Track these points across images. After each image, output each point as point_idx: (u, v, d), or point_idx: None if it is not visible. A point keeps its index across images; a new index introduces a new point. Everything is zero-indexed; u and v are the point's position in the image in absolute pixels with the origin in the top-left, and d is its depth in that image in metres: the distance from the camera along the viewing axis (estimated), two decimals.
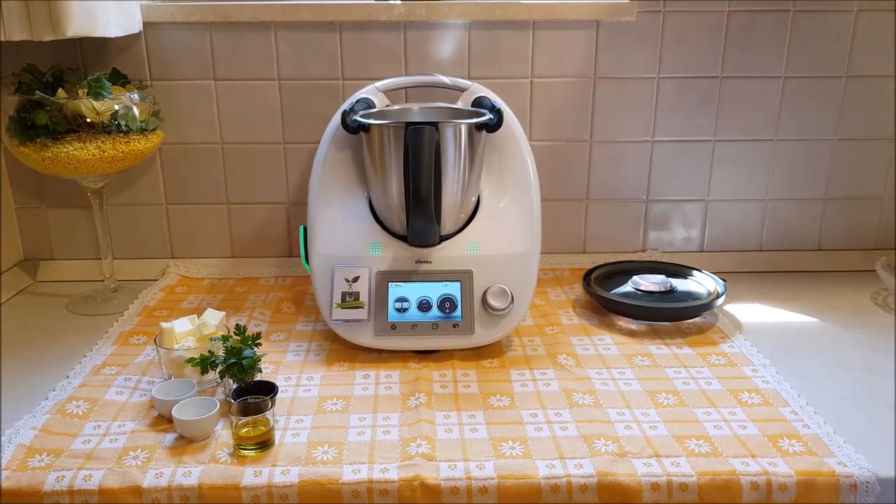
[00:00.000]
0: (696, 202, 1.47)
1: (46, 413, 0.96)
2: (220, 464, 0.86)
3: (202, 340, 1.05)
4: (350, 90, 1.34)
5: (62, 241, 1.46)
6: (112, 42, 1.33)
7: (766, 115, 1.41)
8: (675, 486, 0.83)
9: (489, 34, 1.35)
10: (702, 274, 1.31)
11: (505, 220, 1.15)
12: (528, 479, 0.83)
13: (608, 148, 1.43)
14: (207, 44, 1.35)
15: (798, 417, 0.95)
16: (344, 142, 1.17)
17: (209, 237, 1.46)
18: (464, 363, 1.10)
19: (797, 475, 0.84)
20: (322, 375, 1.07)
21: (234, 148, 1.41)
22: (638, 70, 1.38)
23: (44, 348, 1.17)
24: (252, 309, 1.29)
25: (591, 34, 1.36)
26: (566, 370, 1.08)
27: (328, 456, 0.88)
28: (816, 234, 1.49)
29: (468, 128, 1.09)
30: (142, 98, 1.25)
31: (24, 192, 1.43)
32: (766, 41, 1.37)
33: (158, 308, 1.30)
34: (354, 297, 1.11)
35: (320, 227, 1.15)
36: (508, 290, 1.10)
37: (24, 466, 0.86)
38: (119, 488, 0.83)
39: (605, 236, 1.48)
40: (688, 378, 1.05)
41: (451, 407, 0.98)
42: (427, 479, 0.83)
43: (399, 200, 1.11)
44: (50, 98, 1.17)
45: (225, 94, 1.38)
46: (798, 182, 1.45)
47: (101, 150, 1.20)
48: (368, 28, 1.35)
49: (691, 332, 1.20)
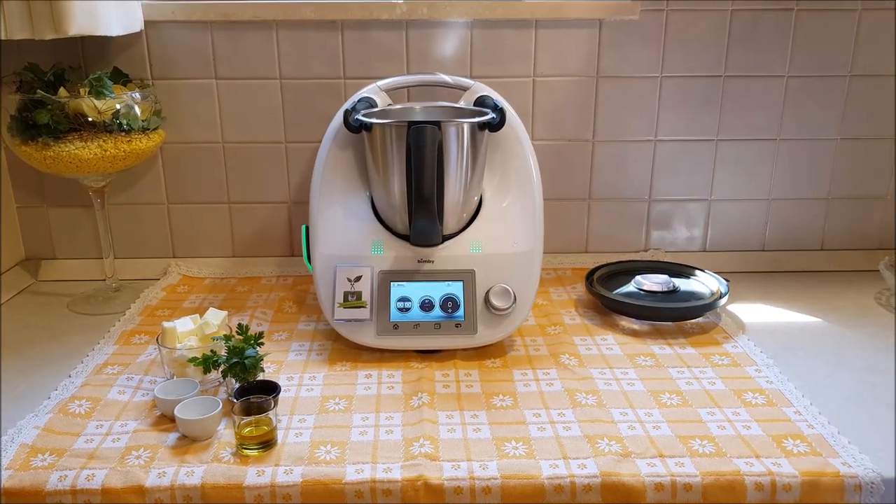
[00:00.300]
0: (698, 202, 1.47)
1: (49, 412, 0.96)
2: (223, 463, 0.86)
3: (204, 340, 1.04)
4: (352, 89, 1.34)
5: (64, 241, 1.46)
6: (113, 41, 1.33)
7: (769, 114, 1.41)
8: (680, 487, 0.83)
9: (491, 33, 1.35)
10: (705, 274, 1.31)
11: (507, 220, 1.15)
12: (532, 480, 0.83)
13: (611, 147, 1.43)
14: (209, 43, 1.35)
15: (802, 418, 0.95)
16: (346, 141, 1.16)
17: (210, 236, 1.46)
18: (466, 363, 1.10)
19: (801, 475, 0.83)
20: (324, 375, 1.07)
21: (235, 147, 1.41)
22: (641, 69, 1.38)
23: (45, 347, 1.17)
24: (254, 308, 1.29)
25: (593, 33, 1.36)
26: (569, 370, 1.07)
27: (331, 456, 0.87)
28: (819, 234, 1.48)
29: (471, 127, 1.09)
30: (143, 97, 1.24)
31: (25, 192, 1.43)
32: (769, 40, 1.37)
33: (160, 307, 1.30)
34: (356, 297, 1.11)
35: (322, 226, 1.15)
36: (511, 290, 1.10)
37: (27, 466, 0.85)
38: (122, 488, 0.83)
39: (608, 236, 1.48)
40: (691, 378, 1.05)
41: (453, 407, 0.98)
42: (430, 479, 0.83)
43: (401, 200, 1.11)
44: (51, 97, 1.17)
45: (226, 94, 1.38)
46: (801, 182, 1.45)
47: (102, 150, 1.19)
48: (370, 27, 1.34)
49: (694, 332, 1.20)
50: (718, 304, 1.21)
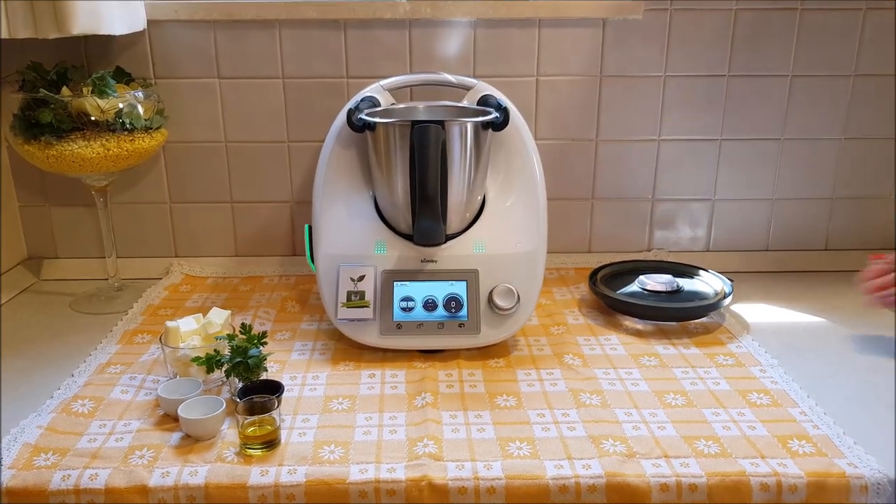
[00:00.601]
0: (702, 201, 1.46)
1: (52, 412, 0.96)
2: (227, 463, 0.86)
3: (207, 339, 1.04)
4: (355, 88, 1.34)
5: (66, 240, 1.46)
6: (116, 40, 1.33)
7: (773, 114, 1.40)
8: (685, 487, 0.83)
9: (495, 32, 1.35)
10: (708, 274, 1.30)
11: (511, 219, 1.15)
12: (537, 480, 0.83)
13: (614, 147, 1.42)
14: (211, 42, 1.35)
15: (807, 418, 0.94)
16: (349, 140, 1.16)
17: (213, 236, 1.46)
18: (469, 363, 1.09)
19: (807, 476, 0.83)
20: (328, 375, 1.06)
21: (238, 146, 1.41)
22: (644, 68, 1.38)
23: (48, 347, 1.16)
24: (256, 308, 1.28)
25: (597, 32, 1.35)
26: (573, 370, 1.07)
27: (335, 455, 0.87)
28: (823, 234, 1.48)
29: (474, 126, 1.09)
30: (146, 96, 1.24)
31: (28, 191, 1.43)
32: (773, 39, 1.36)
33: (163, 307, 1.29)
34: (360, 297, 1.11)
35: (325, 226, 1.14)
36: (514, 290, 1.10)
37: (30, 465, 0.85)
38: (125, 487, 0.82)
39: (611, 235, 1.48)
40: (695, 378, 1.05)
41: (457, 407, 0.98)
42: (434, 480, 0.83)
43: (405, 199, 1.10)
44: (54, 96, 1.17)
45: (229, 93, 1.38)
46: (805, 181, 1.45)
47: (105, 149, 1.19)
48: (373, 26, 1.34)
49: (698, 332, 1.19)
50: (723, 303, 1.21)
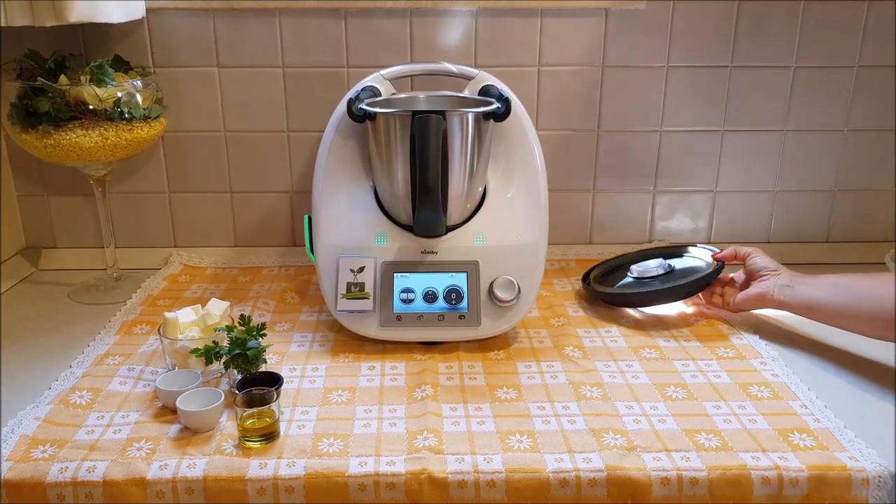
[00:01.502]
0: (704, 193, 1.45)
1: (49, 403, 0.95)
2: (225, 455, 0.85)
3: (206, 330, 1.04)
4: (355, 78, 1.33)
5: (64, 230, 1.45)
6: (114, 28, 1.32)
7: (775, 105, 1.40)
8: (686, 481, 0.82)
9: (496, 22, 1.34)
10: (696, 248, 1.30)
11: (512, 211, 1.14)
12: (537, 473, 0.83)
13: (616, 138, 1.41)
14: (211, 30, 1.33)
15: (808, 411, 0.94)
16: (349, 130, 1.15)
17: (212, 226, 1.45)
18: (470, 355, 1.09)
19: (808, 470, 0.83)
20: (327, 366, 1.06)
21: (237, 136, 1.40)
22: (647, 59, 1.37)
23: (46, 337, 1.16)
24: (256, 299, 1.28)
25: (599, 22, 1.34)
26: (573, 362, 1.07)
27: (334, 448, 0.87)
28: (825, 226, 1.47)
29: (475, 116, 1.08)
30: (145, 85, 1.23)
31: (25, 180, 1.42)
32: (776, 30, 1.35)
33: (161, 297, 1.29)
34: (360, 288, 1.10)
35: (325, 216, 1.14)
36: (515, 282, 1.09)
37: (28, 457, 0.85)
38: (123, 480, 0.82)
39: (612, 227, 1.47)
40: (696, 371, 1.04)
41: (457, 399, 0.97)
42: (434, 473, 0.82)
43: (405, 190, 1.10)
44: (52, 85, 1.16)
45: (228, 82, 1.37)
46: (807, 173, 1.44)
47: (103, 138, 1.18)
48: (374, 15, 1.33)
49: (698, 324, 1.19)
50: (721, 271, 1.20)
